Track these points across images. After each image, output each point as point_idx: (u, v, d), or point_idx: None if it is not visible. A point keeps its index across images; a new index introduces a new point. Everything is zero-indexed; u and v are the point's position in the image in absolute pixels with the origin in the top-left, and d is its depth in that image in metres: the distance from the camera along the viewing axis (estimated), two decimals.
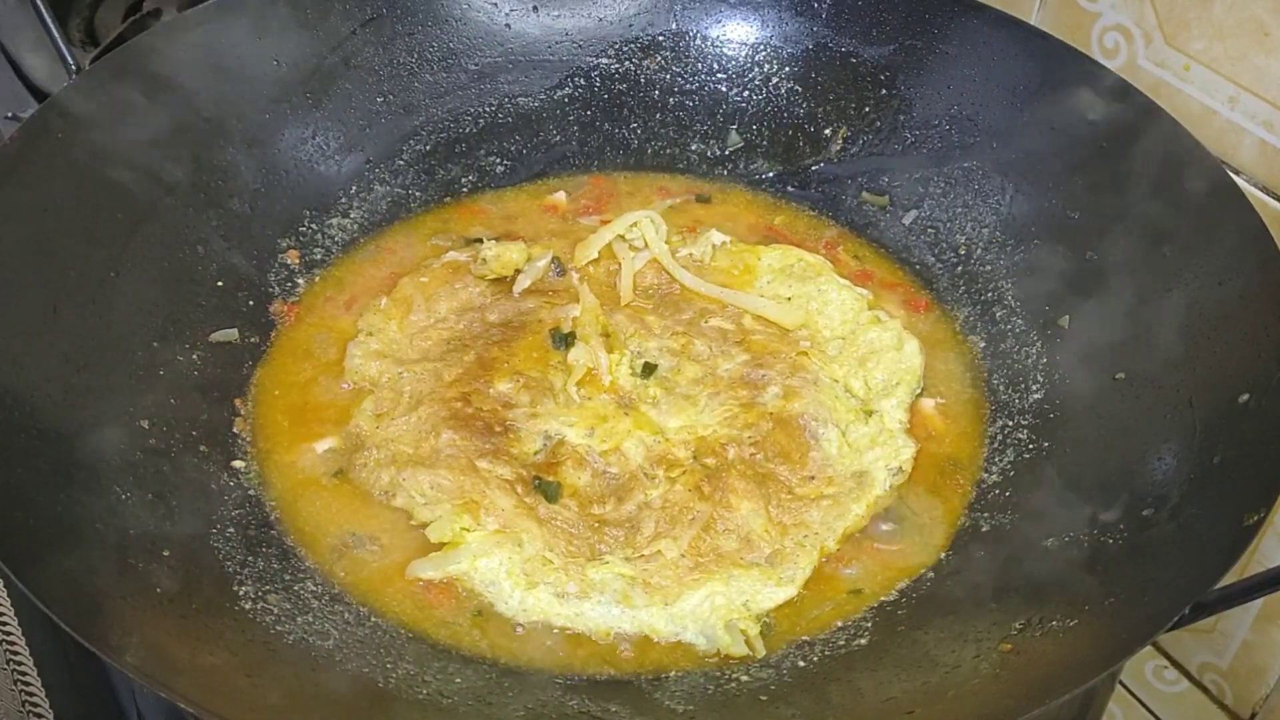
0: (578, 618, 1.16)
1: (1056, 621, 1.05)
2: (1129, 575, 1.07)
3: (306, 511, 1.23)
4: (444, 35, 1.60)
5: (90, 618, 0.96)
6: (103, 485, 1.12)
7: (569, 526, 1.20)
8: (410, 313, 1.41)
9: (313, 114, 1.52)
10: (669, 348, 1.37)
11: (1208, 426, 1.14)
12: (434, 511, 1.21)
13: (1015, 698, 0.97)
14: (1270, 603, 1.48)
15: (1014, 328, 1.40)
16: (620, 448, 1.26)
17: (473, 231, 1.54)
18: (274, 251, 1.46)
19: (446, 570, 1.18)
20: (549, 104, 1.64)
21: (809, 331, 1.40)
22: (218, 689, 0.97)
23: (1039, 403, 1.32)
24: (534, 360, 1.34)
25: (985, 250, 1.47)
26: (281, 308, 1.43)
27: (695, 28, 1.64)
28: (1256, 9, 1.32)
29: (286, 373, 1.37)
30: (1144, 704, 1.71)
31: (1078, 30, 1.52)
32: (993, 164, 1.48)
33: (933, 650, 1.09)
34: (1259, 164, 1.38)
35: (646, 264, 1.46)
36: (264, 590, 1.12)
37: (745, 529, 1.21)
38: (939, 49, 1.54)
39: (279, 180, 1.49)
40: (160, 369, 1.28)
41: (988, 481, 1.28)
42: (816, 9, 1.60)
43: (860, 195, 1.57)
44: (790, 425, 1.29)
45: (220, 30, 1.47)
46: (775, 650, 1.15)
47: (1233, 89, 1.38)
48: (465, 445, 1.25)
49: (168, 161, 1.39)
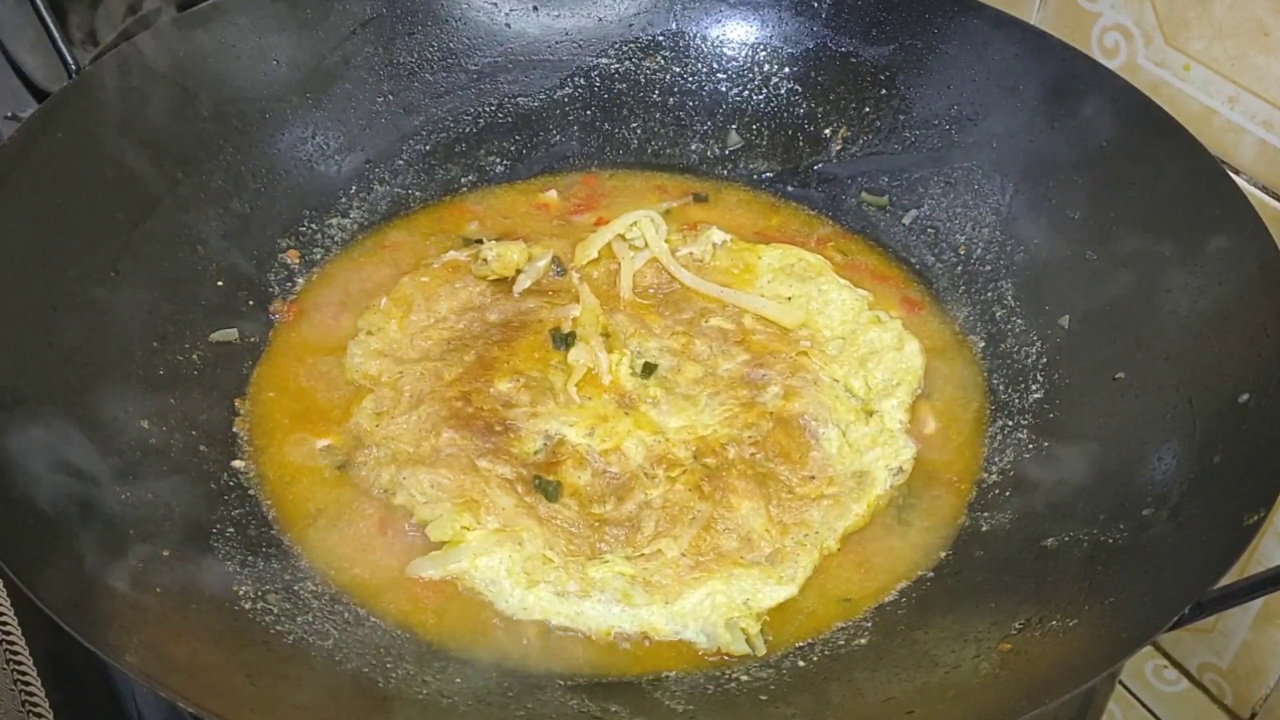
0: (578, 616, 1.16)
1: (1056, 621, 1.05)
2: (1129, 575, 1.07)
3: (306, 511, 1.23)
4: (444, 35, 1.61)
5: (90, 618, 0.96)
6: (103, 485, 1.12)
7: (569, 525, 1.20)
8: (410, 312, 1.41)
9: (313, 114, 1.52)
10: (669, 347, 1.37)
11: (1208, 426, 1.14)
12: (434, 510, 1.21)
13: (1015, 698, 0.97)
14: (1270, 603, 1.48)
15: (1014, 328, 1.40)
16: (620, 447, 1.26)
17: (467, 230, 1.54)
18: (274, 251, 1.46)
19: (447, 569, 1.18)
20: (549, 104, 1.64)
21: (809, 331, 1.40)
22: (218, 689, 0.97)
23: (1039, 403, 1.32)
24: (534, 360, 1.34)
25: (985, 250, 1.47)
26: (281, 307, 1.43)
27: (695, 28, 1.64)
28: (1256, 9, 1.32)
29: (286, 372, 1.37)
30: (1144, 704, 1.71)
31: (1078, 30, 1.52)
32: (993, 164, 1.48)
33: (933, 650, 1.09)
34: (1259, 164, 1.38)
35: (646, 263, 1.46)
36: (264, 590, 1.12)
37: (746, 528, 1.21)
38: (939, 49, 1.54)
39: (279, 180, 1.49)
40: (160, 369, 1.28)
41: (988, 481, 1.28)
42: (816, 9, 1.60)
43: (860, 195, 1.57)
44: (790, 425, 1.29)
45: (220, 30, 1.47)
46: (775, 650, 1.14)
47: (1232, 89, 1.38)
48: (465, 444, 1.25)
49: (168, 161, 1.39)
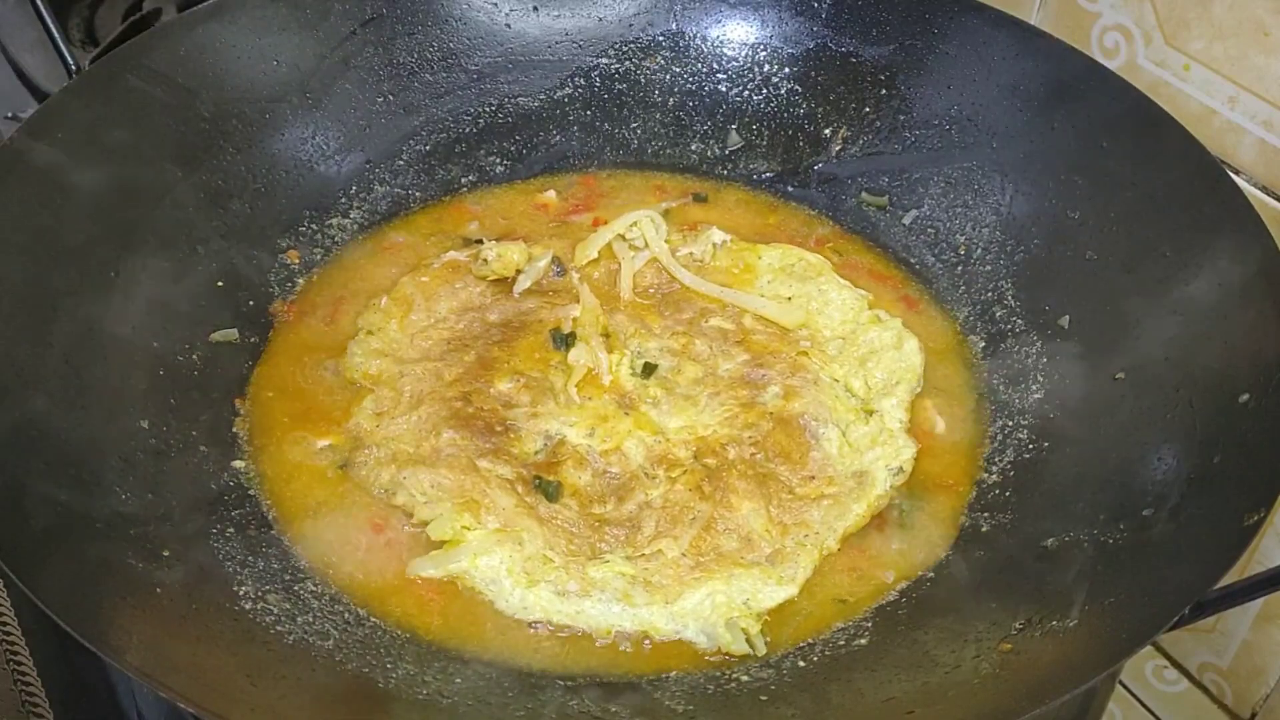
0: (578, 615, 1.16)
1: (1056, 621, 1.05)
2: (1129, 575, 1.07)
3: (306, 510, 1.23)
4: (444, 35, 1.60)
5: (90, 618, 0.96)
6: (103, 485, 1.12)
7: (569, 525, 1.20)
8: (411, 312, 1.41)
9: (313, 114, 1.52)
10: (669, 348, 1.37)
11: (1208, 426, 1.14)
12: (434, 510, 1.21)
13: (1015, 698, 0.97)
14: (1270, 603, 1.48)
15: (1014, 328, 1.40)
16: (621, 447, 1.26)
17: (467, 231, 1.54)
18: (274, 251, 1.46)
19: (447, 568, 1.18)
20: (549, 104, 1.63)
21: (809, 331, 1.40)
22: (218, 689, 0.97)
23: (1039, 403, 1.32)
24: (534, 360, 1.34)
25: (985, 250, 1.46)
26: (281, 307, 1.43)
27: (695, 28, 1.64)
28: (1256, 9, 1.33)
29: (286, 372, 1.36)
30: (1144, 704, 1.71)
31: (1078, 30, 1.52)
32: (993, 164, 1.48)
33: (933, 650, 1.09)
34: (1259, 164, 1.38)
35: (646, 263, 1.46)
36: (264, 590, 1.12)
37: (746, 528, 1.21)
38: (939, 49, 1.53)
39: (279, 180, 1.49)
40: (160, 369, 1.28)
41: (988, 481, 1.28)
42: (816, 9, 1.60)
43: (860, 195, 1.57)
44: (790, 425, 1.29)
45: (220, 30, 1.47)
46: (775, 650, 1.14)
47: (1232, 89, 1.38)
48: (466, 444, 1.25)
49: (167, 161, 1.39)
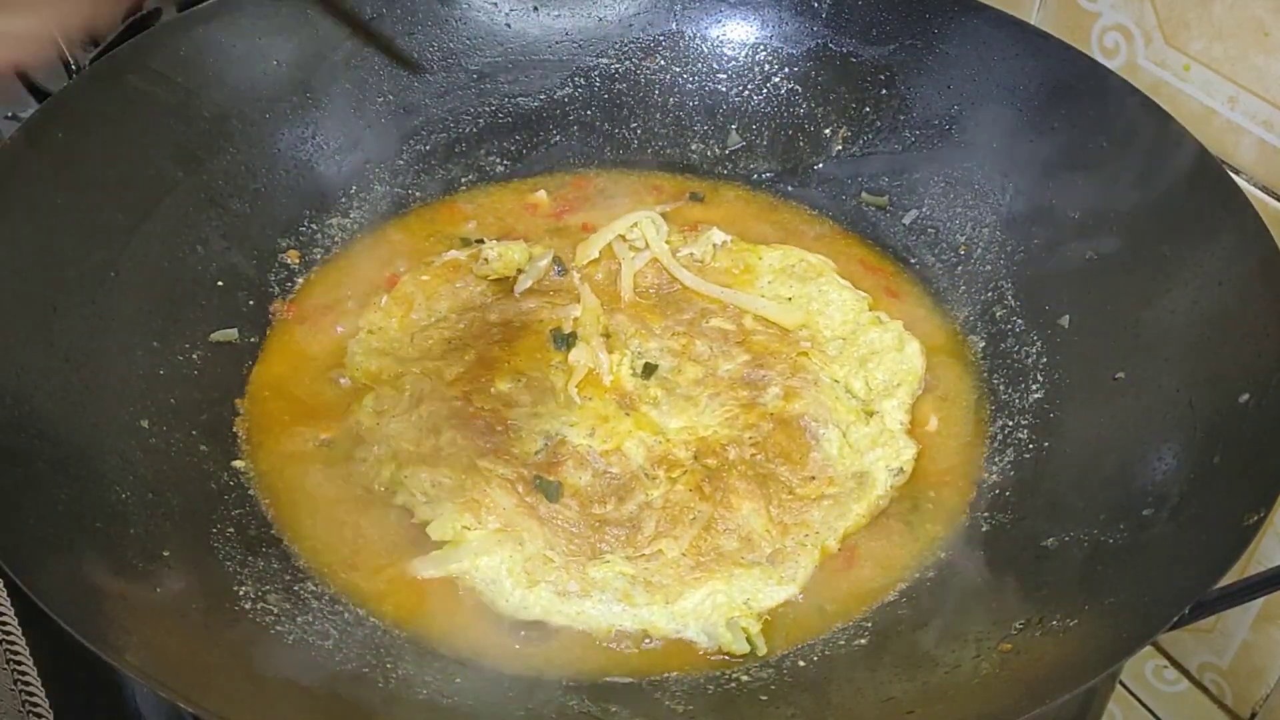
0: (579, 615, 1.16)
1: (1056, 621, 1.05)
2: (1129, 575, 1.07)
3: (306, 510, 1.23)
4: (444, 35, 1.60)
5: (90, 618, 0.96)
6: (103, 485, 1.12)
7: (570, 525, 1.20)
8: (411, 311, 1.41)
9: (313, 114, 1.52)
10: (669, 348, 1.37)
11: (1208, 426, 1.14)
12: (435, 510, 1.21)
13: (1015, 698, 0.97)
14: (1270, 603, 1.48)
15: (1014, 328, 1.40)
16: (621, 448, 1.26)
17: (466, 230, 1.54)
18: (274, 251, 1.46)
19: (447, 568, 1.18)
20: (549, 104, 1.63)
21: (810, 332, 1.40)
22: (218, 689, 0.97)
23: (1039, 403, 1.32)
24: (535, 360, 1.34)
25: (985, 250, 1.46)
26: (281, 307, 1.43)
27: (695, 28, 1.64)
28: (1256, 9, 1.32)
29: (287, 372, 1.36)
30: (1144, 704, 1.71)
31: (1078, 30, 1.52)
32: (993, 164, 1.48)
33: (933, 650, 1.09)
34: (1259, 164, 1.38)
35: (647, 264, 1.46)
36: (264, 590, 1.12)
37: (746, 529, 1.21)
38: (939, 49, 1.53)
39: (279, 180, 1.49)
40: (160, 369, 1.28)
41: (988, 481, 1.28)
42: (816, 9, 1.60)
43: (860, 195, 1.57)
44: (791, 426, 1.29)
45: (220, 30, 1.47)
46: (775, 650, 1.14)
47: (1232, 89, 1.38)
48: (466, 444, 1.25)
49: (168, 161, 1.39)
